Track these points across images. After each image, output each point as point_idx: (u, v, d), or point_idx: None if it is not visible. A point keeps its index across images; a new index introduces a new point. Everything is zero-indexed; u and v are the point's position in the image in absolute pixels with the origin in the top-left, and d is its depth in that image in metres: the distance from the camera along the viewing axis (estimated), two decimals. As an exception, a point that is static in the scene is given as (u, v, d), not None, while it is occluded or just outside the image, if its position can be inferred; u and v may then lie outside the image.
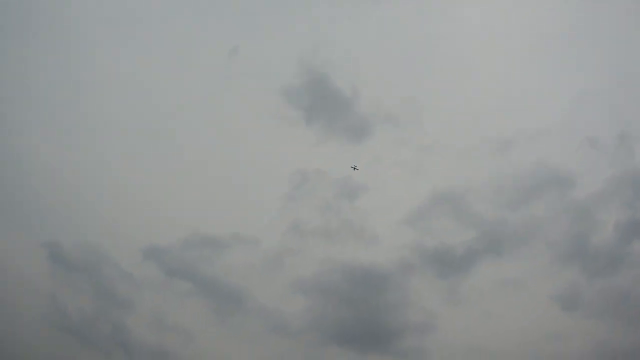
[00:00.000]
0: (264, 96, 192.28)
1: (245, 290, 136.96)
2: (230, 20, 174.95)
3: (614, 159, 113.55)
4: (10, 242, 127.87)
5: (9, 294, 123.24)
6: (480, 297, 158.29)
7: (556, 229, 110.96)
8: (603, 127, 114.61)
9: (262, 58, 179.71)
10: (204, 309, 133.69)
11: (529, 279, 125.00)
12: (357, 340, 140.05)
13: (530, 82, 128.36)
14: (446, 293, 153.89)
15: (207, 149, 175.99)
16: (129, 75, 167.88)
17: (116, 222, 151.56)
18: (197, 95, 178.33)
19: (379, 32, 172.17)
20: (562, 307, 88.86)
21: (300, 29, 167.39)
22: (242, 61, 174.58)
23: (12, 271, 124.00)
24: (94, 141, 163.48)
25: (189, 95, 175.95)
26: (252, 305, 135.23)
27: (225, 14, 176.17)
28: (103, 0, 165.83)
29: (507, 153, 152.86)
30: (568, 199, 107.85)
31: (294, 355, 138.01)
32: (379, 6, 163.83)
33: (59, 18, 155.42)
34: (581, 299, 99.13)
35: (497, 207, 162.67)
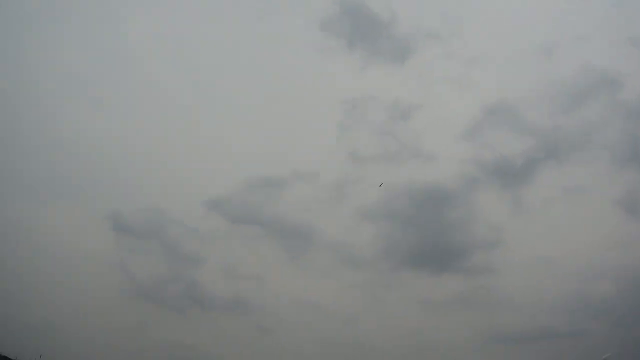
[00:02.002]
0: (303, 30, 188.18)
1: (312, 226, 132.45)
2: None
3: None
4: (74, 219, 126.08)
5: (81, 269, 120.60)
6: (544, 207, 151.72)
7: (610, 131, 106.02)
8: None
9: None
10: (273, 251, 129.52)
11: (590, 184, 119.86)
12: (427, 262, 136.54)
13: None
14: (510, 205, 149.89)
15: (254, 91, 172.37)
16: (167, 34, 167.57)
17: (173, 181, 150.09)
18: (236, 39, 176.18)
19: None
20: (626, 211, 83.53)
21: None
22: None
23: (81, 246, 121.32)
24: (140, 106, 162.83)
25: (229, 42, 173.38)
26: (320, 240, 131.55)
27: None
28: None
29: (553, 59, 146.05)
30: (618, 100, 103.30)
31: (367, 285, 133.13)
32: None
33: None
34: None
35: (550, 114, 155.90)
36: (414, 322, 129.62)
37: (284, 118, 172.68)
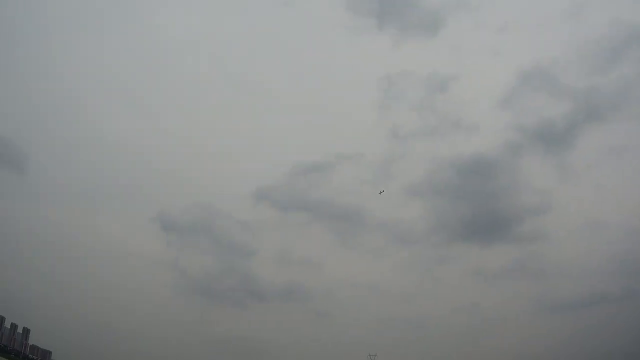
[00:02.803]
0: (329, 12, 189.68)
1: (361, 207, 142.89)
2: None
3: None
4: (125, 222, 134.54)
5: (135, 270, 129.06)
6: (589, 169, 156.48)
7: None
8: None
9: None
10: (324, 235, 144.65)
11: (634, 142, 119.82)
12: (477, 234, 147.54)
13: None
14: (556, 170, 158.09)
15: (288, 78, 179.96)
16: (199, 32, 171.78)
17: (218, 175, 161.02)
18: (265, 27, 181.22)
19: None
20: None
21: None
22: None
23: (133, 248, 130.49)
24: (177, 104, 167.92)
25: (259, 31, 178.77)
26: (370, 220, 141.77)
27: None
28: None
29: (582, 18, 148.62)
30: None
31: (420, 261, 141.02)
32: None
33: None
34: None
35: (585, 74, 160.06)
36: (468, 294, 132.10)
37: (322, 102, 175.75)
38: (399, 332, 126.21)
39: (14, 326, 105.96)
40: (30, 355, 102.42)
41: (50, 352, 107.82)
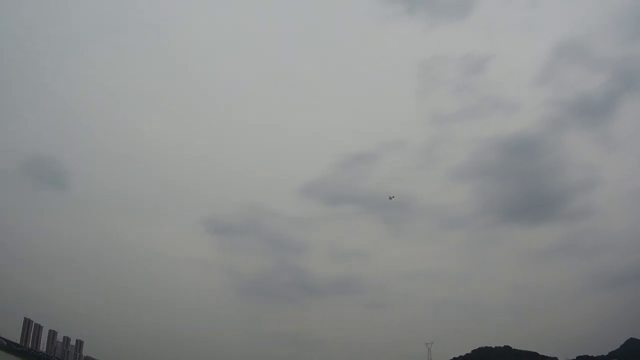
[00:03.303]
0: (358, 2, 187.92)
1: (407, 194, 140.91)
2: None
3: None
4: (175, 228, 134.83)
5: (187, 275, 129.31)
6: (632, 138, 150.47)
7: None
8: None
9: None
10: (373, 225, 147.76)
11: None
12: (525, 213, 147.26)
13: None
14: (599, 142, 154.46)
15: (324, 72, 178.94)
16: (229, 31, 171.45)
17: (263, 174, 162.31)
18: (295, 22, 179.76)
19: None
20: None
21: None
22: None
23: (185, 254, 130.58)
24: (216, 108, 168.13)
25: (289, 27, 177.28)
26: (417, 206, 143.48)
27: None
28: None
29: None
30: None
31: (469, 244, 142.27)
32: None
33: None
34: None
35: (619, 43, 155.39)
36: (519, 274, 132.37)
37: (360, 93, 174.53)
38: (453, 317, 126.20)
39: (66, 339, 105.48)
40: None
41: None
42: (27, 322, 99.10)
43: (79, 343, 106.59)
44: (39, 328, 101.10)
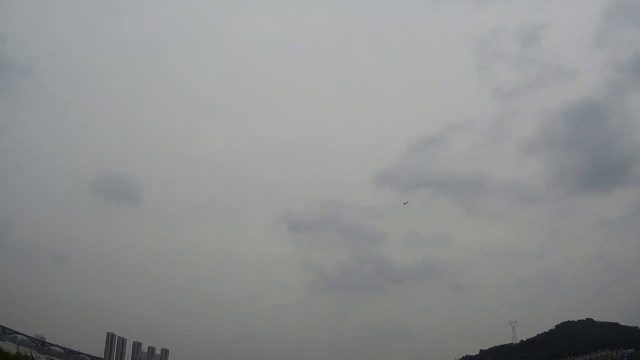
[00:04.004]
0: None
1: (480, 172, 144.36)
2: None
3: None
4: (251, 231, 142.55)
5: (268, 275, 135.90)
6: None
7: None
8: None
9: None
10: (448, 207, 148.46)
11: None
12: (597, 181, 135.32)
13: None
14: None
15: (382, 60, 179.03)
16: (277, 32, 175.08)
17: (337, 167, 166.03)
18: (342, 12, 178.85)
19: None
20: None
21: None
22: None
23: (263, 254, 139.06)
24: (279, 107, 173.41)
25: (339, 18, 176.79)
26: (491, 184, 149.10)
27: None
28: None
29: None
30: None
31: (545, 217, 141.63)
32: None
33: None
34: None
35: None
36: (596, 244, 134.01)
37: (421, 77, 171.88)
38: (534, 293, 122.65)
39: (151, 349, 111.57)
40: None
41: None
42: (110, 336, 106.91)
43: (164, 352, 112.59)
44: (122, 341, 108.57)
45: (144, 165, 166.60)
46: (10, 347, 34.79)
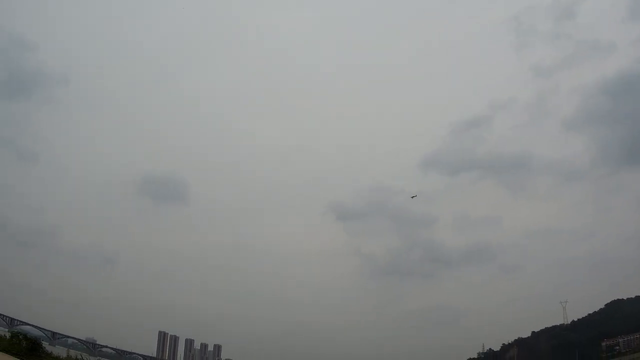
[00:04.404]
0: None
1: (524, 152, 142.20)
2: None
3: None
4: (300, 223, 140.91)
5: (320, 266, 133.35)
6: None
7: None
8: None
9: None
10: (495, 188, 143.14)
11: None
12: None
13: None
14: None
15: (417, 49, 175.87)
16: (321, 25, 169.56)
17: (382, 154, 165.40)
18: (379, 9, 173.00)
19: None
20: None
21: None
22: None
23: (313, 245, 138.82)
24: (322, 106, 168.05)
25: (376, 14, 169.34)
26: (535, 164, 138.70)
27: None
28: None
29: None
30: None
31: (589, 196, 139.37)
32: None
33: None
34: None
35: None
36: None
37: (460, 59, 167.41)
38: (584, 272, 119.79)
39: (203, 346, 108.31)
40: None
41: None
42: (162, 335, 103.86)
43: (217, 348, 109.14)
44: (174, 339, 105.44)
45: (188, 164, 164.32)
46: (60, 351, 30.55)
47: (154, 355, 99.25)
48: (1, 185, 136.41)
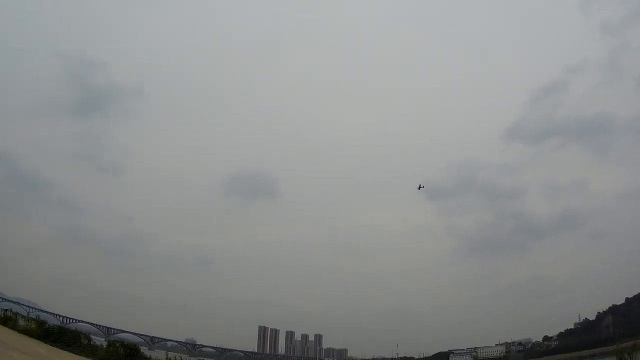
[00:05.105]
0: None
1: (606, 114, 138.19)
2: None
3: None
4: (389, 207, 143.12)
5: (412, 249, 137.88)
6: None
7: None
8: None
9: None
10: (579, 152, 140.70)
11: None
12: None
13: None
14: None
15: (486, 20, 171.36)
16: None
17: (464, 130, 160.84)
18: None
19: None
20: None
21: None
22: None
23: (405, 227, 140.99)
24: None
25: None
26: (617, 124, 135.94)
27: None
28: None
29: None
30: None
31: None
32: None
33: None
34: None
35: None
36: None
37: (528, 26, 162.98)
38: None
39: (304, 336, 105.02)
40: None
41: (346, 350, 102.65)
42: (262, 329, 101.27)
43: (318, 337, 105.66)
44: (275, 332, 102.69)
45: (275, 159, 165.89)
46: (159, 355, 26.66)
47: (255, 350, 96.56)
48: (89, 199, 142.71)
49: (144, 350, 26.36)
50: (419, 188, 65.89)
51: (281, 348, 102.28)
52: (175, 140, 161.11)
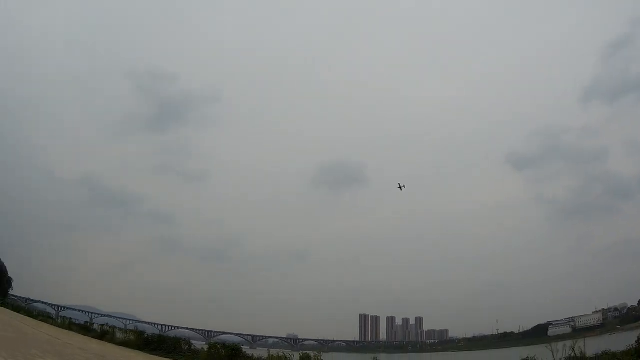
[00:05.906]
0: None
1: None
2: None
3: None
4: (484, 178, 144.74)
5: (507, 221, 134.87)
6: None
7: None
8: None
9: None
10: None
11: None
12: None
13: None
14: None
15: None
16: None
17: (539, 91, 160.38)
18: None
19: None
20: None
21: None
22: None
23: (499, 198, 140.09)
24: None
25: None
26: None
27: None
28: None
29: None
30: None
31: None
32: None
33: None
34: None
35: None
36: None
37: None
38: None
39: (405, 321, 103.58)
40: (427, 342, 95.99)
41: (447, 331, 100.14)
42: (363, 317, 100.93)
43: (418, 320, 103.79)
44: (375, 319, 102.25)
45: (361, 144, 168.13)
46: (262, 353, 26.05)
47: (357, 339, 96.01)
48: (179, 208, 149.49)
49: (246, 349, 25.66)
50: (401, 189, 60.93)
51: (383, 334, 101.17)
52: (256, 141, 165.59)
